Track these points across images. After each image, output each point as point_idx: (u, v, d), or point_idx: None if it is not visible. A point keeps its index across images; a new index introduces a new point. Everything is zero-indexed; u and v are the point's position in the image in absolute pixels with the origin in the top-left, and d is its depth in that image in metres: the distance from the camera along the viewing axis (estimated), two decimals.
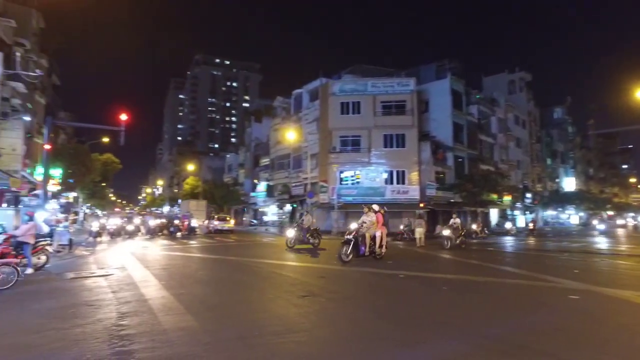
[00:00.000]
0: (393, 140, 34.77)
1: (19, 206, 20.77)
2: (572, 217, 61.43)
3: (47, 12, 33.39)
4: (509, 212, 47.13)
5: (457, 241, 19.21)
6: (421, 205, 32.85)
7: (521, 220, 48.59)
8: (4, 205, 21.85)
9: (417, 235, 21.17)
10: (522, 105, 54.72)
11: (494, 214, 45.45)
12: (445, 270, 11.91)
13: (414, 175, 34.14)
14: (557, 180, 63.22)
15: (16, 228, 12.31)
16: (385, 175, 34.60)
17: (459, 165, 38.44)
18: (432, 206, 33.92)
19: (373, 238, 13.19)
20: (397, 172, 34.46)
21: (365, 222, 13.21)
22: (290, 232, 18.49)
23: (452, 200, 36.43)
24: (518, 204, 48.20)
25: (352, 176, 35.25)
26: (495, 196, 39.51)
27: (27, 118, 23.31)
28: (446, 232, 19.39)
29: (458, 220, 20.10)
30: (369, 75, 38.75)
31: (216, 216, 36.69)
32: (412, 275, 10.97)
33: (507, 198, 42.56)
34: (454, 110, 37.81)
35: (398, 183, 34.32)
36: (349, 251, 12.56)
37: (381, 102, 35.35)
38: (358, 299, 7.91)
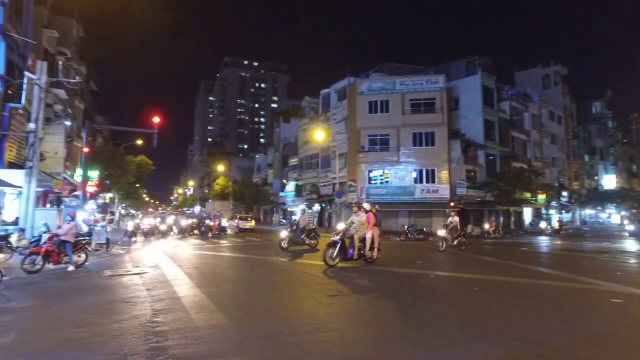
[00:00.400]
0: (422, 138, 34.27)
1: (61, 206, 21.72)
2: (612, 216, 58.81)
3: (86, 21, 34.84)
4: (543, 211, 45.64)
5: (455, 242, 17.58)
6: (452, 204, 32.24)
7: (557, 219, 46.98)
8: (48, 205, 22.90)
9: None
10: (557, 100, 52.90)
11: (528, 213, 44.12)
12: (477, 270, 11.63)
13: (444, 174, 33.56)
14: (595, 177, 60.74)
15: (59, 227, 12.85)
16: (414, 174, 34.17)
17: (490, 163, 37.52)
18: (462, 205, 33.24)
19: (363, 240, 11.99)
20: (427, 170, 33.95)
21: (354, 222, 12.05)
22: (283, 233, 17.62)
23: (482, 199, 35.59)
24: (553, 203, 46.62)
25: (381, 175, 34.99)
26: (528, 195, 38.37)
27: (68, 123, 24.35)
28: (441, 233, 17.86)
29: (456, 219, 18.30)
30: (397, 74, 38.37)
31: (238, 216, 37.87)
32: (442, 275, 10.79)
33: (541, 197, 41.24)
34: (485, 107, 36.93)
35: (428, 182, 33.81)
36: (334, 254, 11.50)
37: (410, 100, 34.92)
38: (388, 299, 7.83)
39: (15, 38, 17.74)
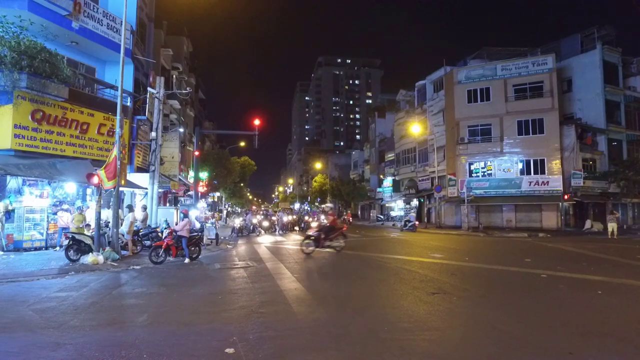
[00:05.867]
0: (529, 126, 31.51)
1: (178, 205, 24.20)
2: None
3: (192, 35, 38.42)
4: None
5: (328, 243, 14.71)
6: (565, 197, 29.21)
7: None
8: (167, 204, 25.68)
9: (609, 229, 22.47)
10: None
11: None
12: (600, 271, 10.40)
13: (555, 164, 30.51)
14: None
15: (176, 224, 14.35)
16: (520, 165, 31.65)
17: (614, 150, 33.08)
18: (578, 198, 29.87)
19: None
20: (535, 161, 31.16)
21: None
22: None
23: (604, 191, 31.51)
24: None
25: (482, 168, 33.02)
26: None
27: (181, 130, 27.01)
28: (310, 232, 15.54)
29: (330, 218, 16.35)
30: (497, 58, 35.73)
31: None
32: (557, 275, 9.85)
33: None
34: (607, 85, 32.52)
35: (536, 173, 31.03)
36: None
37: (513, 86, 32.35)
38: (493, 299, 7.41)
39: (140, 60, 20.28)
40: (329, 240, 14.65)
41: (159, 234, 15.10)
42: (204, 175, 32.19)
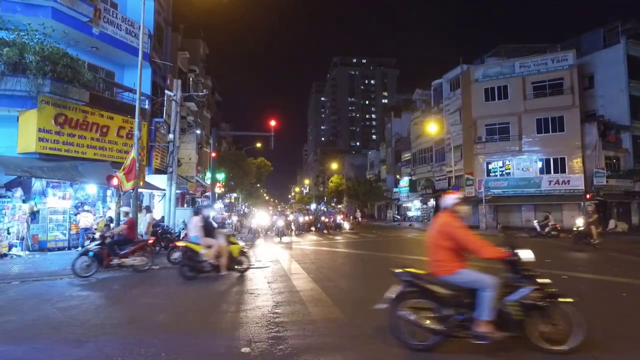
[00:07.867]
0: (548, 124, 30.92)
1: (195, 206, 24.48)
2: None
3: (208, 38, 38.93)
4: None
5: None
6: (587, 196, 28.54)
7: None
8: (185, 205, 26.03)
9: None
10: None
11: None
12: (625, 273, 10.14)
13: (576, 163, 29.87)
14: None
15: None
16: (539, 164, 31.09)
17: (639, 147, 32.18)
18: (601, 197, 29.15)
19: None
20: (555, 159, 30.58)
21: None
22: None
23: (628, 190, 30.67)
24: None
25: (500, 167, 32.57)
26: None
27: (198, 131, 27.37)
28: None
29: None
30: (515, 55, 35.18)
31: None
32: (579, 277, 9.66)
33: None
34: (632, 81, 31.53)
35: (556, 172, 30.45)
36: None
37: (532, 83, 31.79)
38: None
39: (158, 63, 20.63)
40: (119, 258, 10.28)
41: (171, 234, 15.40)
42: (220, 176, 32.51)
